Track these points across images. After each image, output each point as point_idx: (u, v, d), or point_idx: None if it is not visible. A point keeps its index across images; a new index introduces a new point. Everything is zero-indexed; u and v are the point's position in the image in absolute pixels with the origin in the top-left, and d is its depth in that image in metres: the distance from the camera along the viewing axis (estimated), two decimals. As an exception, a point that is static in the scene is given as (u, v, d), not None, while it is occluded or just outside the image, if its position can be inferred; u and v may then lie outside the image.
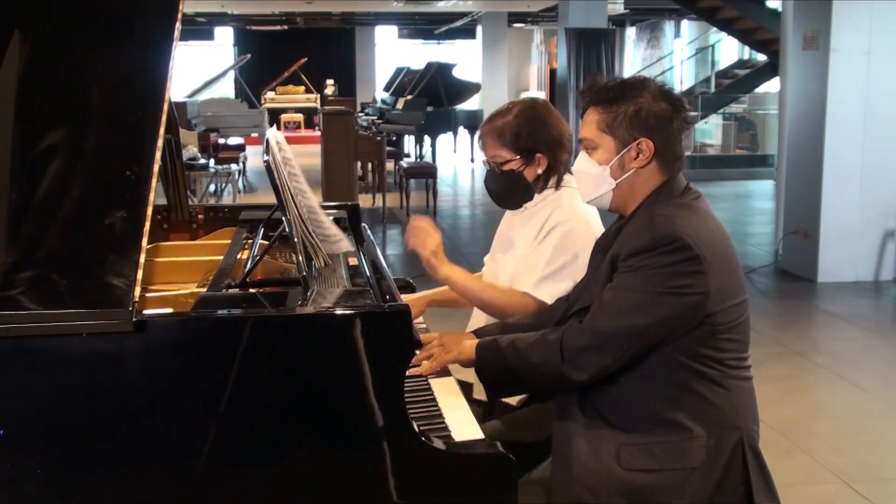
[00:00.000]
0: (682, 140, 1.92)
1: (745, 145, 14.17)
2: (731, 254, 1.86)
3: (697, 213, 1.86)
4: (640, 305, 1.77)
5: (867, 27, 6.24)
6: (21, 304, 1.57)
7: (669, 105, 1.88)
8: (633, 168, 1.89)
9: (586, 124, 1.94)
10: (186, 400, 1.62)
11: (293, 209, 2.02)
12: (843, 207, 6.42)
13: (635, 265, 1.79)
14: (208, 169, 9.00)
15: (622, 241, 1.86)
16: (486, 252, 2.68)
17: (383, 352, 1.66)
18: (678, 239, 1.76)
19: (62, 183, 1.72)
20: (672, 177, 1.91)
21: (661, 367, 1.80)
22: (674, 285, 1.76)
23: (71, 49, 1.89)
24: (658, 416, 1.80)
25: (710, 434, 1.80)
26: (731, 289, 1.82)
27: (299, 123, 19.45)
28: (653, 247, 1.77)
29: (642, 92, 1.88)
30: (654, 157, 1.88)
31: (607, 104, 1.89)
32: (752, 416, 1.88)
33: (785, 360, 4.83)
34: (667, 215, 1.82)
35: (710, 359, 1.80)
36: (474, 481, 1.71)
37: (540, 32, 22.08)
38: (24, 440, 1.58)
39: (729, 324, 1.81)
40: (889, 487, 3.36)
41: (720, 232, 1.86)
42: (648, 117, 1.86)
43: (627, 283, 1.80)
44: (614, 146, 1.89)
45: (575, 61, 11.17)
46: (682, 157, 1.94)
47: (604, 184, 1.92)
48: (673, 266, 1.76)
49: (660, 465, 1.79)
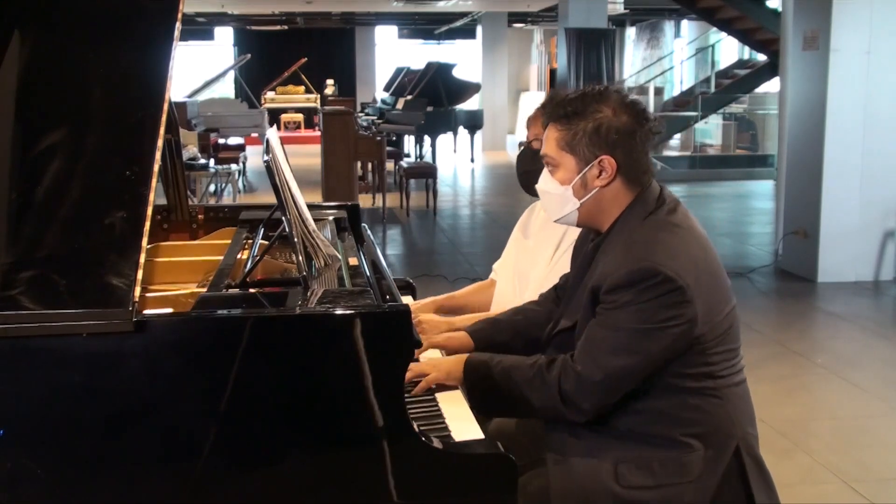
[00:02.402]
0: (649, 152, 1.85)
1: (745, 145, 14.19)
2: (714, 268, 1.81)
3: (674, 232, 1.80)
4: (630, 345, 1.73)
5: (867, 27, 6.24)
6: (21, 304, 1.58)
7: (631, 117, 1.81)
8: (597, 187, 1.83)
9: (546, 141, 1.88)
10: (186, 400, 1.62)
11: (293, 209, 2.02)
12: (843, 207, 6.42)
13: (618, 301, 1.74)
14: (208, 169, 9.00)
15: (602, 268, 1.80)
16: (485, 252, 2.69)
17: (383, 352, 1.66)
18: (658, 273, 1.70)
19: (62, 183, 1.72)
20: (642, 191, 1.84)
21: (655, 388, 1.78)
22: (661, 319, 1.71)
23: (71, 49, 1.89)
24: (653, 432, 1.78)
25: (708, 446, 1.78)
26: (717, 304, 1.78)
27: (299, 123, 19.46)
28: (634, 281, 1.72)
29: (602, 106, 1.81)
30: (618, 173, 1.82)
31: (566, 120, 1.82)
32: (749, 419, 1.87)
33: (785, 360, 4.83)
34: (643, 243, 1.76)
35: (702, 374, 1.78)
36: (474, 481, 1.71)
37: (540, 32, 22.08)
38: (24, 440, 1.58)
39: (718, 337, 1.78)
40: (889, 487, 3.36)
41: (700, 247, 1.80)
42: (609, 133, 1.79)
43: (613, 323, 1.75)
44: (575, 165, 1.83)
45: (575, 61, 11.18)
46: (650, 169, 1.86)
47: (567, 203, 1.87)
48: (657, 300, 1.71)
49: (658, 482, 1.77)
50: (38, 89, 1.84)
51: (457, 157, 15.54)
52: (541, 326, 2.16)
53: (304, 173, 10.30)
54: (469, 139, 14.79)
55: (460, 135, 14.91)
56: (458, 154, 15.66)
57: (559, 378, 1.79)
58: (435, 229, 8.88)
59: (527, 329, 2.19)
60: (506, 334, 2.21)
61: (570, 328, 1.88)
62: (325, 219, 2.67)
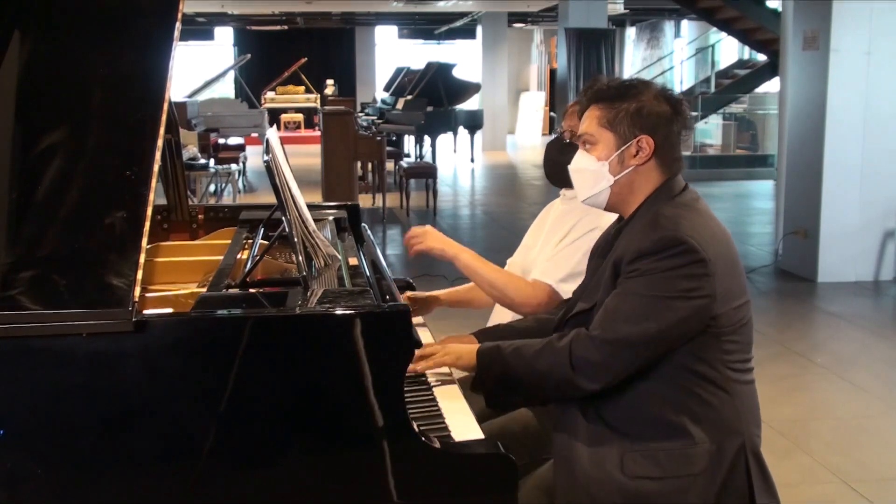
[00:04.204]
0: (682, 142, 1.91)
1: (745, 145, 14.18)
2: (733, 255, 1.85)
3: (700, 214, 1.85)
4: (648, 311, 1.75)
5: (867, 27, 6.24)
6: (21, 304, 1.58)
7: (670, 107, 1.88)
8: (633, 165, 1.87)
9: (586, 119, 1.92)
10: (186, 400, 1.62)
11: (293, 209, 2.02)
12: (843, 207, 6.42)
13: (641, 269, 1.77)
14: (208, 169, 8.99)
15: (624, 243, 1.84)
16: (485, 252, 2.67)
17: (383, 352, 1.66)
18: (684, 242, 1.74)
19: (62, 183, 1.72)
20: (671, 177, 1.90)
21: (665, 371, 1.79)
22: (681, 289, 1.74)
23: (71, 49, 1.89)
24: (661, 420, 1.79)
25: (713, 440, 1.79)
26: (734, 290, 1.81)
27: (299, 123, 19.46)
28: (658, 250, 1.75)
29: (644, 92, 1.88)
30: (654, 155, 1.87)
31: (609, 101, 1.89)
32: (755, 420, 1.87)
33: (785, 360, 4.83)
34: (670, 216, 1.81)
35: (714, 362, 1.79)
36: (474, 481, 1.71)
37: (540, 32, 22.08)
38: (25, 440, 1.58)
39: (733, 326, 1.80)
40: (889, 487, 3.36)
41: (723, 233, 1.85)
42: (650, 115, 1.86)
43: (634, 289, 1.77)
44: (614, 142, 1.88)
45: (575, 61, 11.18)
46: (681, 158, 1.92)
47: (602, 180, 1.90)
48: (679, 269, 1.74)
49: (663, 473, 1.77)
50: (38, 89, 1.84)
51: (457, 157, 15.54)
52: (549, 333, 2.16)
53: (304, 173, 10.31)
54: (469, 139, 14.78)
55: (460, 135, 14.90)
56: (458, 154, 15.66)
57: (570, 344, 1.82)
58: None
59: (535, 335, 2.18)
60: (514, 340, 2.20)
61: (587, 310, 1.89)
62: (325, 219, 2.68)
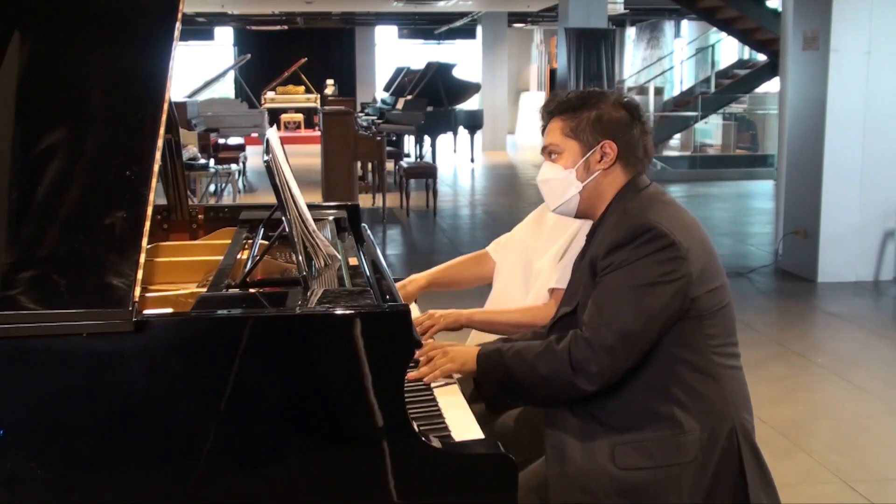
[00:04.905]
0: (643, 145, 1.99)
1: (745, 145, 14.19)
2: (705, 238, 1.91)
3: (665, 204, 1.92)
4: (632, 303, 1.80)
5: (867, 27, 6.24)
6: (21, 304, 1.58)
7: (628, 112, 1.97)
8: (599, 170, 1.95)
9: (550, 132, 2.01)
10: (186, 400, 1.62)
11: (293, 209, 2.02)
12: (843, 207, 6.42)
13: (616, 262, 1.83)
14: (208, 169, 8.99)
15: (598, 241, 1.91)
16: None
17: (383, 352, 1.66)
18: (653, 227, 1.81)
19: (62, 183, 1.72)
20: (636, 176, 1.97)
21: (651, 361, 1.83)
22: (658, 273, 1.80)
23: (71, 49, 1.89)
24: (649, 409, 1.82)
25: (703, 427, 1.82)
26: (710, 270, 1.86)
27: (299, 123, 19.45)
28: (629, 239, 1.82)
29: (601, 101, 1.97)
30: (618, 159, 1.95)
31: (570, 112, 1.98)
32: (744, 405, 1.90)
33: (785, 360, 4.83)
34: (637, 207, 1.89)
35: (698, 347, 1.83)
36: (474, 481, 1.71)
37: (540, 32, 22.07)
38: (24, 440, 1.58)
39: (712, 309, 1.85)
40: (889, 487, 3.36)
41: (691, 220, 1.92)
42: (610, 122, 1.95)
43: (614, 283, 1.83)
44: (579, 149, 1.96)
45: (575, 61, 11.17)
46: (644, 158, 2.00)
47: (570, 188, 1.97)
48: (653, 255, 1.80)
49: (654, 462, 1.80)
50: (38, 89, 1.84)
51: (457, 157, 15.53)
52: None
53: (304, 173, 10.30)
54: (469, 139, 14.78)
55: (460, 135, 14.90)
56: (458, 154, 15.66)
57: (569, 346, 1.85)
58: (435, 229, 8.88)
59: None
60: None
61: (570, 313, 1.94)
62: (325, 219, 2.68)
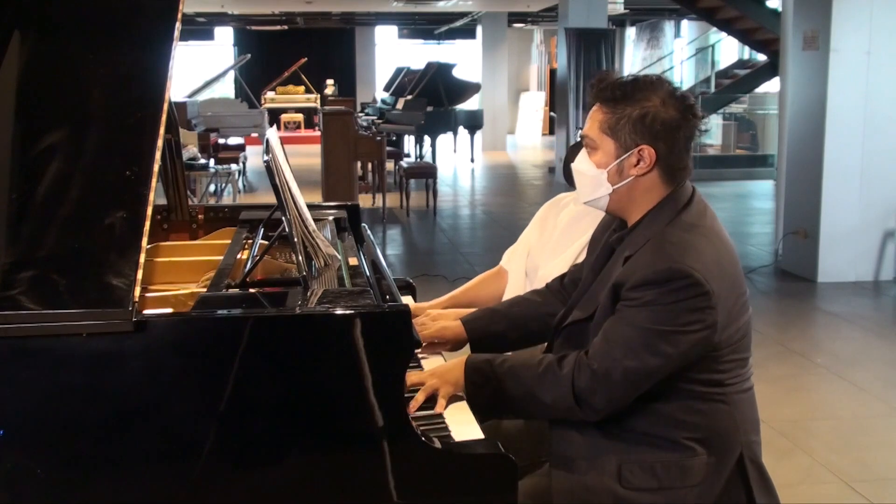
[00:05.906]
0: (690, 149, 1.81)
1: (745, 145, 14.18)
2: (737, 277, 1.79)
3: (705, 236, 1.77)
4: (648, 345, 1.69)
5: (867, 27, 6.24)
6: (21, 304, 1.57)
7: (679, 112, 1.77)
8: (632, 175, 1.80)
9: (590, 121, 1.84)
10: (186, 400, 1.62)
11: (293, 209, 2.02)
12: (843, 207, 6.42)
13: (643, 299, 1.70)
14: (208, 169, 8.99)
15: (629, 265, 1.76)
16: (485, 252, 2.68)
17: (383, 352, 1.66)
18: (688, 275, 1.68)
19: (62, 183, 1.72)
20: (676, 188, 1.81)
21: (663, 391, 1.76)
22: (683, 322, 1.69)
23: (71, 49, 1.89)
24: (657, 434, 1.77)
25: (712, 451, 1.77)
26: (737, 314, 1.76)
27: (299, 123, 19.46)
28: (662, 280, 1.69)
29: (651, 95, 1.77)
30: (656, 165, 1.78)
31: (612, 103, 1.79)
32: (753, 426, 1.85)
33: (785, 360, 4.83)
34: (676, 244, 1.73)
35: (711, 381, 1.76)
36: (474, 481, 1.71)
37: (540, 32, 22.07)
38: (24, 440, 1.58)
39: (732, 346, 1.76)
40: (889, 487, 3.36)
41: (727, 253, 1.79)
42: (654, 123, 1.75)
43: (635, 319, 1.71)
44: (614, 150, 1.80)
45: (575, 61, 11.18)
46: (688, 166, 1.82)
47: (600, 187, 1.83)
48: (682, 302, 1.68)
49: (660, 484, 1.76)
50: (38, 89, 1.84)
51: (457, 157, 15.54)
52: (538, 319, 2.13)
53: (304, 173, 10.30)
54: (469, 139, 14.78)
55: (460, 135, 14.90)
56: (458, 154, 15.66)
57: (573, 375, 1.76)
58: (435, 229, 8.88)
59: (524, 321, 2.17)
60: (501, 325, 2.18)
61: (582, 320, 1.85)
62: (325, 219, 2.67)
